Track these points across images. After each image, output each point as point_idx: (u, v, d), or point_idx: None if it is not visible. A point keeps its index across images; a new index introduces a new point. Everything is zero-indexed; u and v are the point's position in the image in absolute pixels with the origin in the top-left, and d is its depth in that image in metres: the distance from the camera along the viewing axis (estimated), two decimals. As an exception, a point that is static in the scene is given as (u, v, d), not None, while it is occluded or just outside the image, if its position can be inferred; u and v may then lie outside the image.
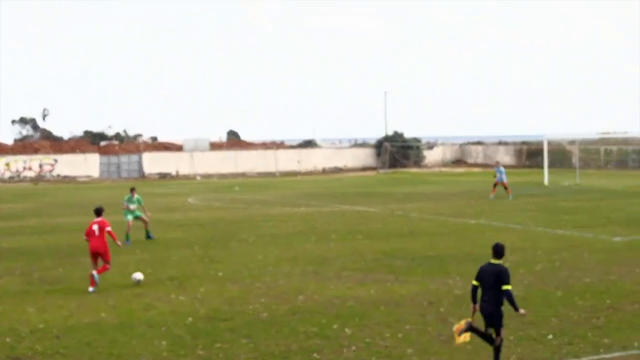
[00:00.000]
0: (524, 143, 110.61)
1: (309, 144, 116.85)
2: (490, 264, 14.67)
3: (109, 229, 22.98)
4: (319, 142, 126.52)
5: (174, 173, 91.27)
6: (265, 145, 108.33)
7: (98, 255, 22.75)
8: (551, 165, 70.98)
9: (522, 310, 14.49)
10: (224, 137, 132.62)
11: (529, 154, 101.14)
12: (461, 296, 20.29)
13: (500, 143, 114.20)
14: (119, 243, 24.04)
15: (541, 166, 76.30)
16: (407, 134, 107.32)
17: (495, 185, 51.70)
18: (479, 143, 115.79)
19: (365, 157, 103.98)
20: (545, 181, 63.96)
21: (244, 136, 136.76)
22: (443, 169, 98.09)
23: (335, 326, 17.47)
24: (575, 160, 75.86)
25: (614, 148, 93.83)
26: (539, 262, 25.26)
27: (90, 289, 22.12)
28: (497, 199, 49.36)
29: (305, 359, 15.04)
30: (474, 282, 14.64)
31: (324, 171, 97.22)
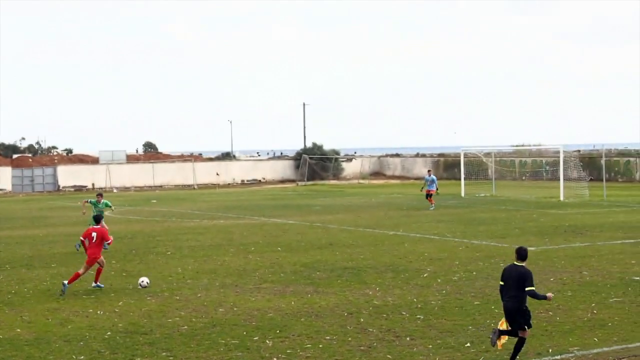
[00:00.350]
0: (441, 155, 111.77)
1: (227, 156, 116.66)
2: (514, 265, 15.74)
3: (109, 241, 25.03)
4: (237, 154, 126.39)
5: (90, 186, 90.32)
6: (183, 158, 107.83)
7: (94, 260, 23.98)
8: (467, 176, 71.90)
9: (549, 294, 15.95)
10: (140, 150, 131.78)
11: (446, 166, 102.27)
12: (380, 306, 20.48)
13: (418, 155, 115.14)
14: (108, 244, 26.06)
15: (458, 178, 77.33)
16: (326, 146, 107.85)
17: (428, 195, 52.42)
18: (397, 155, 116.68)
19: (284, 169, 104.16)
20: (462, 193, 64.76)
21: (162, 148, 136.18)
22: (361, 181, 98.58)
23: (255, 338, 17.50)
24: (491, 172, 76.85)
25: (529, 160, 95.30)
26: (457, 272, 25.59)
27: (93, 284, 24.28)
28: (416, 210, 49.83)
29: (225, 371, 15.05)
30: (501, 282, 15.78)
31: (243, 183, 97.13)
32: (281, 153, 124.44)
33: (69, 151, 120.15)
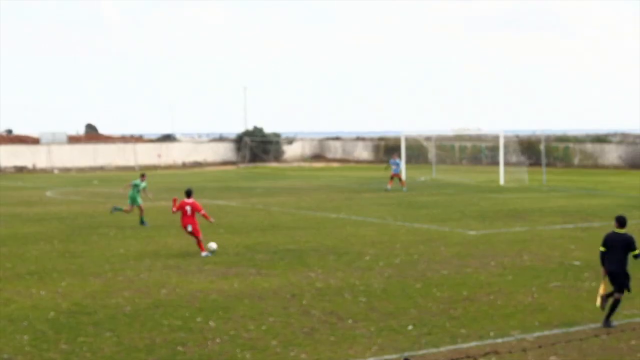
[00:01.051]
0: (381, 139, 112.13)
1: (168, 137, 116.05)
2: (615, 232, 17.12)
3: (203, 212, 27.51)
4: (178, 136, 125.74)
5: (30, 167, 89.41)
6: (124, 139, 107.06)
7: (193, 231, 27.10)
8: (408, 161, 72.18)
9: None
10: (82, 131, 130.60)
11: (387, 150, 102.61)
12: (323, 289, 20.60)
13: (358, 139, 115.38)
14: (212, 220, 28.20)
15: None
16: (267, 129, 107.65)
17: (392, 177, 54.17)
18: (337, 138, 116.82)
19: (225, 151, 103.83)
20: (403, 176, 65.07)
21: (103, 130, 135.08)
22: (302, 164, 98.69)
23: (199, 319, 17.54)
24: (431, 156, 77.31)
25: (469, 144, 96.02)
26: (398, 255, 25.79)
27: (203, 253, 26.46)
28: (357, 193, 50.08)
29: (169, 352, 15.07)
30: (601, 249, 17.19)
31: (184, 165, 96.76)
32: (220, 136, 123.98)
33: (9, 131, 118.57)
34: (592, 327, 16.71)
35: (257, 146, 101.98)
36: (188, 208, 27.40)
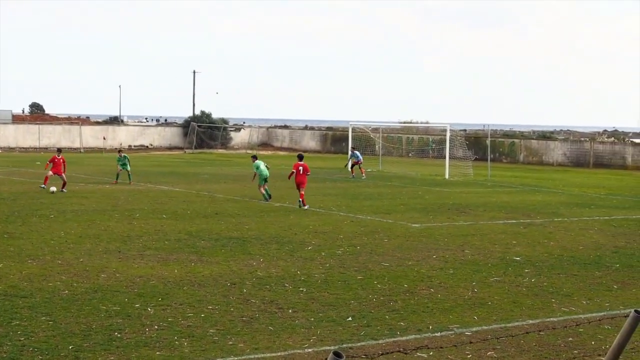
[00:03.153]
0: (329, 129, 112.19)
1: (115, 120, 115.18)
2: None
3: (309, 172, 37.82)
4: (125, 119, 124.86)
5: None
6: (70, 120, 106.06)
7: (300, 185, 36.96)
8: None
9: None
10: (27, 110, 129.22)
11: (334, 140, 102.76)
12: (263, 278, 20.50)
13: (306, 127, 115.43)
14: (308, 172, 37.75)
15: (345, 152, 77.72)
16: (215, 115, 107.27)
17: (352, 166, 58.61)
18: (285, 127, 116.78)
19: (172, 136, 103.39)
20: (349, 167, 65.11)
21: (49, 109, 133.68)
22: (249, 151, 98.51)
23: (137, 305, 17.36)
24: (378, 147, 77.47)
25: (416, 137, 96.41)
26: (340, 246, 25.75)
27: (305, 207, 35.94)
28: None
29: (106, 338, 14.87)
30: None
31: (130, 148, 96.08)
32: (165, 120, 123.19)
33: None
34: (530, 323, 16.76)
35: (205, 132, 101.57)
36: (300, 168, 37.39)
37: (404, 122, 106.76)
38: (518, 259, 24.41)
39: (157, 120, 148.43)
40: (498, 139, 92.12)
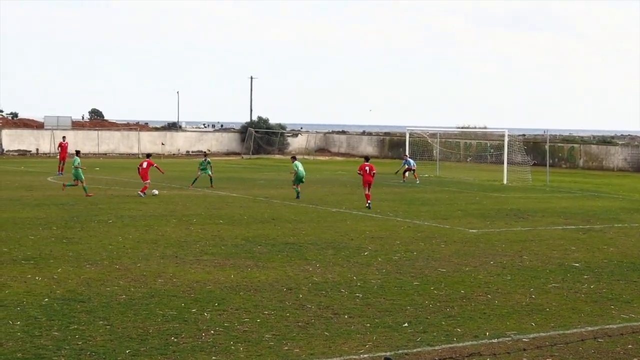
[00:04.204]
0: (386, 134, 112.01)
1: (173, 126, 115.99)
2: None
3: (374, 171, 40.01)
4: (183, 125, 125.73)
5: (34, 151, 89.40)
6: (128, 126, 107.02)
7: (368, 185, 39.27)
8: (412, 157, 71.99)
9: None
10: (87, 116, 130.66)
11: (392, 145, 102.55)
12: (319, 283, 20.48)
13: (364, 133, 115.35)
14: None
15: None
16: (272, 121, 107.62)
17: (405, 172, 58.89)
18: (342, 132, 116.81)
19: (229, 141, 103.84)
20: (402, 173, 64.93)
21: (108, 115, 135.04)
22: (307, 157, 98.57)
23: (194, 310, 17.42)
24: (435, 152, 77.16)
25: (474, 142, 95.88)
26: (397, 252, 25.66)
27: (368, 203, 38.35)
28: (359, 187, 49.95)
29: (162, 342, 14.94)
30: None
31: (188, 154, 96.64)
32: (221, 125, 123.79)
33: (14, 115, 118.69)
34: (589, 330, 16.56)
35: (262, 137, 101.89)
36: (367, 168, 39.78)
37: (462, 127, 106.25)
38: (577, 265, 24.14)
39: (213, 126, 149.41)
40: (557, 144, 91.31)
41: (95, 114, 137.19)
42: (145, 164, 43.78)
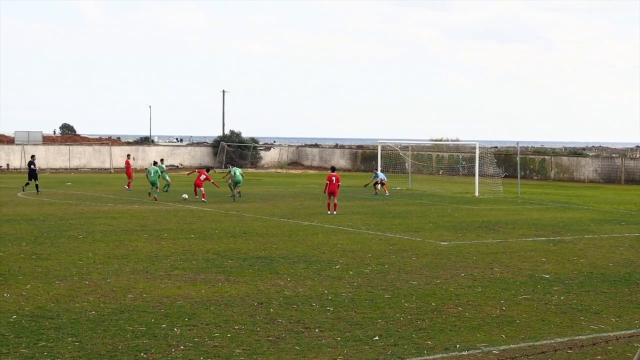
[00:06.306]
0: (359, 147, 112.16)
1: (145, 140, 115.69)
2: None
3: (339, 182, 43.83)
4: (156, 139, 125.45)
5: (4, 166, 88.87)
6: (100, 141, 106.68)
7: (333, 194, 42.85)
8: (384, 169, 72.14)
9: None
10: (58, 131, 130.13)
11: (364, 158, 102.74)
12: (290, 297, 20.43)
13: (336, 146, 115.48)
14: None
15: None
16: (245, 134, 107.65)
17: (375, 184, 59.67)
18: (315, 145, 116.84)
19: (202, 155, 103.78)
20: (379, 185, 65.01)
21: (80, 130, 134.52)
22: (279, 170, 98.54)
23: (163, 325, 17.33)
24: (408, 165, 77.31)
25: (446, 155, 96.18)
26: (369, 265, 25.64)
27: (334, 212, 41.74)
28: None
29: (132, 358, 14.84)
30: None
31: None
32: (190, 139, 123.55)
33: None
34: (558, 341, 16.59)
35: (234, 151, 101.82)
36: (333, 178, 43.26)
37: (434, 140, 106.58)
38: (547, 276, 24.21)
39: (183, 140, 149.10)
40: (529, 156, 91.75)
41: (67, 129, 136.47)
42: (203, 176, 51.59)
